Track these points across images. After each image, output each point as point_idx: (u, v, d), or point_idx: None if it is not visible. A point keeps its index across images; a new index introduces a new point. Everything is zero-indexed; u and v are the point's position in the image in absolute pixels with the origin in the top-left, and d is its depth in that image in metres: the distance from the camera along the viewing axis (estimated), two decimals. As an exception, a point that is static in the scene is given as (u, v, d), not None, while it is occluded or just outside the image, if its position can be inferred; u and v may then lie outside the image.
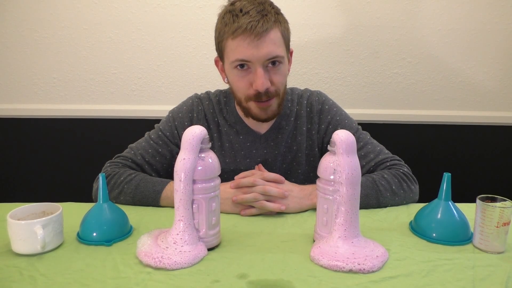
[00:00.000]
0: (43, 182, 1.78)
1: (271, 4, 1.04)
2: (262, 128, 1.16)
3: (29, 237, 0.76)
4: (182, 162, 0.77)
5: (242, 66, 1.02)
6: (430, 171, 1.51)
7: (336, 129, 1.14)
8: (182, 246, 0.77)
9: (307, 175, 1.18)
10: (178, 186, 0.77)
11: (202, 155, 0.79)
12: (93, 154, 1.70)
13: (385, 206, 1.03)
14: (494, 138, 1.75)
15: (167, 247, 0.77)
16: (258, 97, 1.03)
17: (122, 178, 1.03)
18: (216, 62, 1.13)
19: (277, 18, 1.01)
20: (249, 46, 0.98)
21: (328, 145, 0.80)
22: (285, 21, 1.05)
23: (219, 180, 0.82)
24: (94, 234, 0.83)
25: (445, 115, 1.73)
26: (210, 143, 0.81)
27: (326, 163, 0.79)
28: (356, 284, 0.70)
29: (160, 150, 1.14)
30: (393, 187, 1.03)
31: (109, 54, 1.67)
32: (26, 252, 0.77)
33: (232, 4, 1.03)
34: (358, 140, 1.10)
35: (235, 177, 1.01)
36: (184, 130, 1.11)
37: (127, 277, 0.71)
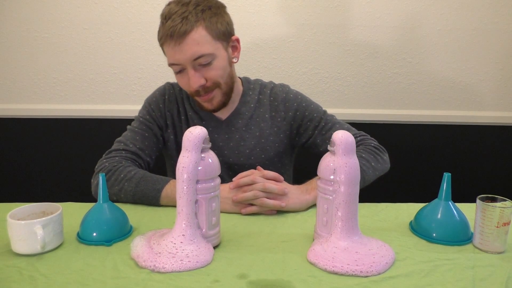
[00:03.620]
0: (43, 182, 1.78)
1: (197, 2, 1.04)
2: (223, 114, 1.21)
3: (29, 237, 0.76)
4: (184, 163, 0.77)
5: (177, 68, 1.07)
6: (430, 171, 1.51)
7: (304, 114, 1.21)
8: (183, 250, 0.76)
9: (271, 159, 1.23)
10: (181, 187, 0.77)
11: (202, 155, 0.78)
12: (93, 154, 1.69)
13: (368, 183, 1.07)
14: (494, 138, 1.75)
15: (159, 253, 0.76)
16: (197, 94, 1.10)
17: (122, 175, 1.04)
18: None
19: (199, 16, 1.02)
20: (173, 51, 1.03)
21: (328, 145, 0.80)
22: (214, 15, 1.05)
23: (219, 180, 0.82)
24: (94, 234, 0.83)
25: (445, 115, 1.73)
26: (210, 143, 0.81)
27: (326, 163, 0.79)
28: (356, 284, 0.70)
29: (146, 134, 1.18)
30: (372, 164, 1.09)
31: (109, 54, 1.67)
32: (26, 252, 0.77)
33: (167, 6, 1.06)
34: (326, 122, 1.20)
35: (234, 178, 1.01)
36: (160, 111, 1.21)
37: (127, 277, 0.71)
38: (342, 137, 0.77)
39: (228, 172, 1.20)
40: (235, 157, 1.19)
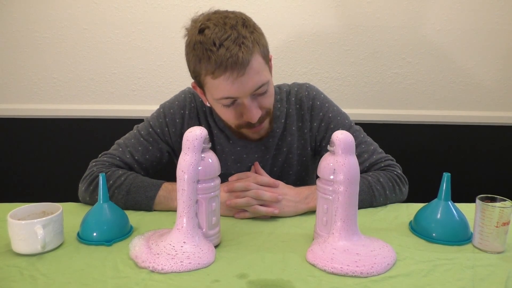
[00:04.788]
0: (43, 182, 1.78)
1: (243, 22, 0.91)
2: None
3: (29, 237, 0.76)
4: (185, 163, 0.77)
5: (229, 101, 0.94)
6: (430, 171, 1.51)
7: (328, 127, 1.12)
8: (183, 252, 0.75)
9: (299, 174, 1.16)
10: (181, 188, 0.77)
11: (202, 155, 0.78)
12: (93, 154, 1.70)
13: (375, 207, 1.03)
14: (494, 138, 1.75)
15: (158, 253, 0.75)
16: (250, 125, 0.99)
17: (111, 182, 0.99)
18: (193, 87, 1.03)
19: (254, 39, 0.90)
20: (233, 84, 0.89)
21: (328, 145, 0.80)
22: (261, 35, 0.95)
23: (219, 180, 0.82)
24: (94, 234, 0.83)
25: (445, 115, 1.73)
26: (210, 143, 0.81)
27: (326, 163, 0.79)
28: (356, 284, 0.70)
29: (150, 148, 1.09)
30: (387, 192, 1.03)
31: (109, 54, 1.67)
32: (26, 252, 0.78)
33: (201, 32, 0.90)
34: None
35: (229, 178, 0.99)
36: (175, 127, 1.10)
37: (127, 277, 0.71)
38: (341, 138, 0.78)
39: None
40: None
